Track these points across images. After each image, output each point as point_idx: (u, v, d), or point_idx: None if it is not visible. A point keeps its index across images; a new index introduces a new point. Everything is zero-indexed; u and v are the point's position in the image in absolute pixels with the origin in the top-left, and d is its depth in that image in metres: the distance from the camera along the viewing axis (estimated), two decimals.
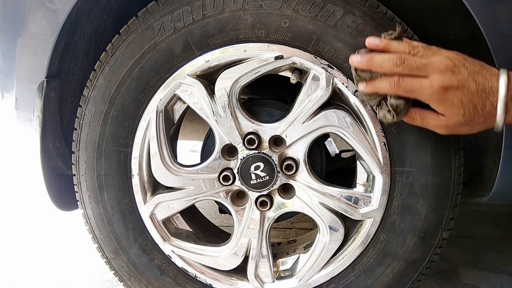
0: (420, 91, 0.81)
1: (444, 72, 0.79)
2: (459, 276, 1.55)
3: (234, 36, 0.96)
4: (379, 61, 0.83)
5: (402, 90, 0.82)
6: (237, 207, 1.09)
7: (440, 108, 0.82)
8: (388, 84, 0.83)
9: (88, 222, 1.13)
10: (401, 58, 0.81)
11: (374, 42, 0.85)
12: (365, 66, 0.85)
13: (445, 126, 0.84)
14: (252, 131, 1.02)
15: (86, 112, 1.06)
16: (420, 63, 0.81)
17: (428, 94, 0.81)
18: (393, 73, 0.82)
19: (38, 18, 1.03)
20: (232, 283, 1.14)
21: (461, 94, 0.79)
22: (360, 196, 1.03)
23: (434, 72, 0.80)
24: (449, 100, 0.80)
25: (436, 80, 0.79)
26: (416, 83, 0.81)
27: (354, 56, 0.86)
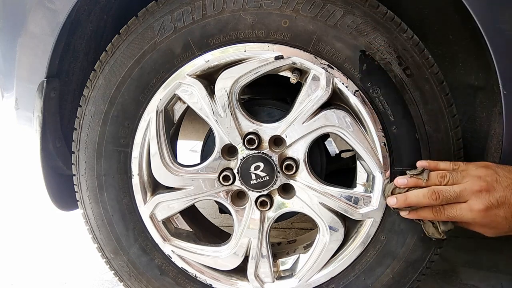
0: (461, 217, 0.86)
1: (479, 195, 0.83)
2: (459, 276, 1.55)
3: (234, 36, 0.96)
4: (415, 199, 0.89)
5: (444, 218, 0.88)
6: (237, 207, 1.09)
7: (485, 228, 0.87)
8: (432, 214, 0.89)
9: (88, 222, 1.13)
10: (435, 193, 0.86)
11: (402, 182, 0.92)
12: (403, 206, 0.91)
13: (494, 234, 0.89)
14: (252, 131, 1.02)
15: (86, 112, 1.06)
16: (454, 192, 0.86)
17: (470, 218, 0.85)
18: (432, 205, 0.88)
19: (38, 18, 1.03)
20: (232, 283, 1.14)
21: (504, 211, 0.83)
22: (360, 196, 1.03)
23: (470, 197, 0.84)
24: (493, 220, 0.84)
25: (475, 204, 0.83)
26: (456, 211, 0.86)
27: (390, 199, 0.93)
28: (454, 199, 0.86)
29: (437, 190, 0.87)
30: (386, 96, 0.95)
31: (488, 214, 0.83)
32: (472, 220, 0.86)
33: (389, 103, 0.95)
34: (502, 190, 0.82)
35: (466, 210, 0.85)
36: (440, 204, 0.87)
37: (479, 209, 0.83)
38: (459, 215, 0.86)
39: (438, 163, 0.92)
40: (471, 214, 0.84)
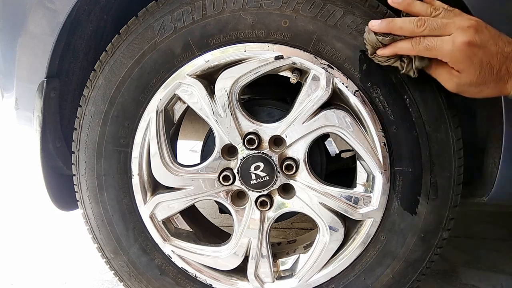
0: (441, 48, 0.81)
1: (467, 30, 0.79)
2: (459, 276, 1.55)
3: (234, 36, 0.96)
4: (400, 23, 0.83)
5: (423, 49, 0.82)
6: (237, 207, 1.09)
7: (458, 65, 0.82)
8: (410, 45, 0.83)
9: (88, 222, 1.13)
10: (422, 20, 0.82)
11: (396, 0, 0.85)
12: (385, 29, 0.85)
13: (456, 83, 0.84)
14: (252, 131, 1.02)
15: (86, 112, 1.06)
16: (441, 22, 0.81)
17: (449, 50, 0.80)
18: (414, 34, 0.82)
19: (38, 18, 1.03)
20: (232, 283, 1.14)
21: (482, 54, 0.79)
22: (360, 196, 1.03)
23: (456, 30, 0.80)
24: (469, 58, 0.80)
25: (459, 37, 0.79)
26: (438, 41, 0.81)
27: (374, 21, 0.86)
28: (438, 29, 0.81)
29: (424, 18, 0.82)
30: (386, 96, 0.95)
31: (468, 49, 0.79)
32: (449, 53, 0.81)
33: (389, 103, 0.95)
34: (488, 36, 0.80)
35: (448, 42, 0.80)
36: (422, 34, 0.82)
37: (462, 41, 0.79)
38: (438, 46, 0.81)
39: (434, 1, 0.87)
40: (451, 46, 0.80)
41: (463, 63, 0.81)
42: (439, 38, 0.81)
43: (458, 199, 1.02)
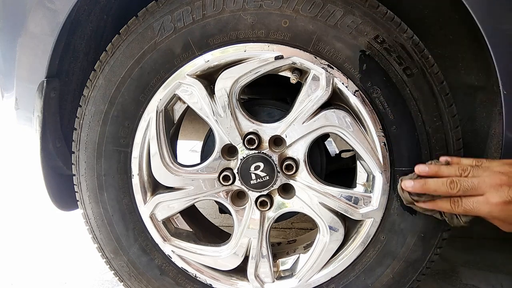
0: (478, 210, 0.85)
1: (499, 188, 0.82)
2: (459, 276, 1.55)
3: (234, 36, 0.96)
4: (433, 186, 0.89)
5: (461, 210, 0.87)
6: (237, 207, 1.09)
7: (501, 225, 0.88)
8: (449, 205, 0.89)
9: (88, 222, 1.13)
10: (454, 182, 0.86)
11: (423, 169, 0.91)
12: (420, 191, 0.91)
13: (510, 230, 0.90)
14: (252, 131, 1.02)
15: (86, 112, 1.06)
16: (472, 183, 0.85)
17: (486, 211, 0.84)
18: (449, 195, 0.87)
19: (38, 18, 1.03)
20: (232, 283, 1.14)
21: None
22: (360, 196, 1.03)
23: (489, 189, 0.83)
24: (506, 215, 0.84)
25: (492, 197, 0.83)
26: (473, 203, 0.85)
27: (407, 182, 0.92)
28: (472, 190, 0.85)
29: (456, 180, 0.86)
30: (386, 96, 0.95)
31: (505, 208, 0.83)
32: (488, 214, 0.85)
33: (389, 103, 0.95)
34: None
35: (483, 203, 0.84)
36: (457, 194, 0.87)
37: (496, 202, 0.82)
38: (475, 208, 0.85)
39: (461, 158, 0.92)
40: (487, 207, 0.84)
41: (506, 220, 0.85)
42: (474, 200, 0.85)
43: None
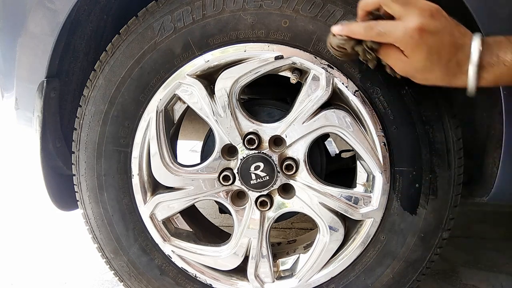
0: (393, 34, 0.78)
1: (423, 14, 0.77)
2: (459, 276, 1.55)
3: (234, 36, 0.96)
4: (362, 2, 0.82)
5: (375, 33, 0.80)
6: (237, 207, 1.09)
7: (407, 51, 0.79)
8: (363, 28, 0.80)
9: (88, 222, 1.13)
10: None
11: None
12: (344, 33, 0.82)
13: (403, 67, 0.82)
14: (252, 131, 1.02)
15: (86, 112, 1.06)
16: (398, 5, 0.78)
17: (400, 35, 0.78)
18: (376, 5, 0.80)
19: (38, 18, 1.03)
20: (232, 283, 1.14)
21: (433, 41, 0.77)
22: (360, 196, 1.03)
23: (413, 13, 0.77)
24: (419, 43, 0.77)
25: (411, 21, 0.76)
26: (391, 26, 0.78)
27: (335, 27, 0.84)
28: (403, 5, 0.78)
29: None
30: (386, 96, 0.95)
31: (418, 35, 0.76)
32: (401, 37, 0.77)
33: (389, 103, 0.95)
34: (444, 24, 0.77)
35: (400, 27, 0.77)
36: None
37: (414, 27, 0.76)
38: (391, 30, 0.78)
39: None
40: (408, 30, 0.76)
41: (411, 49, 0.78)
42: (392, 23, 0.78)
43: (458, 199, 1.02)
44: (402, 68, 0.82)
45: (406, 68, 0.82)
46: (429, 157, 0.98)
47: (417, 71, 0.81)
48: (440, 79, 0.80)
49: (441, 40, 0.77)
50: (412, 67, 0.81)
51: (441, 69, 0.78)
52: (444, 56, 0.77)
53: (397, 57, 0.81)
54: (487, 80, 0.77)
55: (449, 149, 0.97)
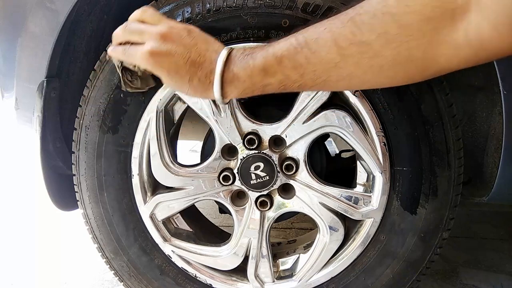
0: (137, 58, 0.82)
1: (154, 39, 0.80)
2: (459, 276, 1.55)
3: (234, 36, 0.96)
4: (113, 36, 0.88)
5: (126, 56, 0.85)
6: (237, 207, 1.09)
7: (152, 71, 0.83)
8: (121, 53, 0.85)
9: (88, 222, 1.13)
10: (125, 27, 0.85)
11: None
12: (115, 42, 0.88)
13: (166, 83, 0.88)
14: (252, 131, 1.02)
15: (86, 112, 1.05)
16: (139, 29, 0.83)
17: (139, 58, 0.81)
18: (124, 39, 0.85)
19: (38, 18, 1.03)
20: (232, 283, 1.14)
21: (167, 61, 0.79)
22: (360, 196, 1.03)
23: (150, 39, 0.80)
24: (156, 66, 0.80)
25: (145, 46, 0.80)
26: (135, 51, 0.82)
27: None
28: (136, 35, 0.83)
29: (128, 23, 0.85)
30: (386, 96, 0.95)
31: (151, 58, 0.79)
32: (140, 61, 0.82)
33: (389, 103, 0.95)
34: (178, 45, 0.79)
35: (138, 50, 0.81)
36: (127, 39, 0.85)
37: (144, 51, 0.80)
38: (134, 55, 0.83)
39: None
40: (143, 55, 0.80)
41: (152, 70, 0.82)
42: (134, 48, 0.83)
43: (458, 199, 1.02)
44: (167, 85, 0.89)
45: (168, 85, 0.88)
46: (429, 157, 0.98)
47: (174, 87, 0.88)
48: (195, 94, 0.82)
49: (175, 60, 0.78)
50: (169, 85, 0.87)
51: (189, 86, 0.80)
52: (184, 74, 0.79)
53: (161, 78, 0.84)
54: (234, 93, 0.78)
55: (449, 149, 0.97)
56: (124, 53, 0.85)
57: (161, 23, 0.82)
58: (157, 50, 0.79)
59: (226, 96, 0.79)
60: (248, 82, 0.76)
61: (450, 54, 0.62)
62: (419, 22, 0.62)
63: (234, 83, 0.77)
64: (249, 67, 0.75)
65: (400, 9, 0.62)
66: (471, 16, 0.58)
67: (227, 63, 0.77)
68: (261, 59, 0.74)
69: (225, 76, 0.76)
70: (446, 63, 0.64)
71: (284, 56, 0.72)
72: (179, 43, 0.79)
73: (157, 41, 0.79)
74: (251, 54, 0.76)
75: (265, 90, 0.77)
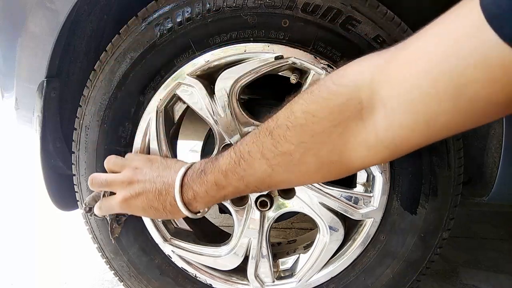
0: (113, 207, 0.91)
1: (122, 187, 0.88)
2: (459, 276, 1.55)
3: (234, 36, 0.96)
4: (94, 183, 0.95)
5: (105, 210, 0.94)
6: (237, 207, 1.09)
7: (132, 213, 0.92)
8: (98, 208, 0.95)
9: (88, 222, 1.13)
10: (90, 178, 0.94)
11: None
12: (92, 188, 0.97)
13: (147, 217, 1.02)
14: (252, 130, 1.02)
15: (86, 112, 1.05)
16: (105, 181, 0.91)
17: (117, 207, 0.89)
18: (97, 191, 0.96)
19: (38, 18, 1.03)
20: (232, 283, 1.14)
21: (141, 202, 0.86)
22: (360, 196, 1.03)
23: (119, 188, 0.89)
24: (132, 209, 0.89)
25: (118, 195, 0.89)
26: (110, 202, 0.91)
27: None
28: (106, 186, 0.91)
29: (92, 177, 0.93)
30: None
31: (127, 203, 0.87)
32: (119, 209, 0.90)
33: None
34: (142, 184, 0.86)
35: (113, 201, 0.90)
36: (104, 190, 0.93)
37: (118, 200, 0.88)
38: (110, 206, 0.91)
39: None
40: (118, 205, 0.88)
41: (132, 212, 0.90)
42: (109, 200, 0.91)
43: (458, 199, 1.02)
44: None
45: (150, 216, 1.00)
46: (429, 157, 0.98)
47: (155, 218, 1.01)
48: (174, 216, 0.88)
49: (146, 197, 0.86)
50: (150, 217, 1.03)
51: (166, 213, 0.87)
52: (158, 205, 0.86)
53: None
54: (201, 206, 0.85)
55: (449, 149, 0.97)
56: (101, 208, 0.93)
57: (125, 169, 0.90)
58: (128, 196, 0.86)
59: (195, 210, 0.86)
60: (208, 197, 0.81)
61: (364, 155, 0.64)
62: (329, 128, 0.64)
63: (197, 199, 0.82)
64: (204, 184, 0.80)
65: (308, 120, 0.65)
66: (379, 117, 0.59)
67: (185, 183, 0.83)
68: (212, 176, 0.79)
69: (187, 196, 0.82)
70: (362, 161, 0.65)
71: (228, 170, 0.76)
72: (145, 181, 0.86)
73: (126, 188, 0.87)
74: (204, 171, 0.81)
75: (225, 199, 0.83)
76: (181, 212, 0.84)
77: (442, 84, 0.50)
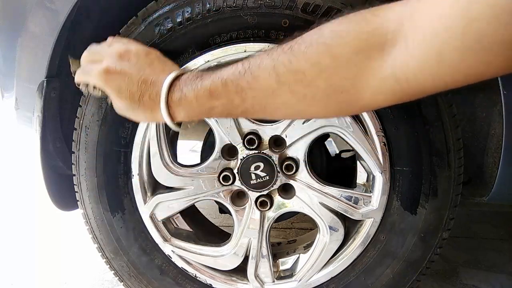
0: (90, 73, 0.84)
1: (111, 56, 0.83)
2: (459, 276, 1.55)
3: (234, 36, 0.96)
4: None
5: (84, 74, 0.87)
6: (237, 207, 1.09)
7: (103, 89, 0.85)
8: (80, 72, 0.89)
9: (88, 222, 1.13)
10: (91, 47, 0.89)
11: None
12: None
13: (115, 107, 0.86)
14: (252, 131, 1.02)
15: (86, 112, 1.05)
16: (99, 48, 0.87)
17: (94, 75, 0.83)
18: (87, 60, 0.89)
19: (38, 18, 1.03)
20: (232, 283, 1.14)
21: (120, 80, 0.80)
22: (360, 196, 1.03)
23: (108, 57, 0.83)
24: (108, 84, 0.82)
25: (102, 64, 0.83)
26: (89, 68, 0.85)
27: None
28: (96, 54, 0.87)
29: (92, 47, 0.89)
30: None
31: (106, 76, 0.81)
32: (95, 78, 0.84)
33: None
34: (132, 64, 0.82)
35: (94, 68, 0.84)
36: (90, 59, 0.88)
37: (100, 68, 0.82)
38: (90, 73, 0.85)
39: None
40: (98, 73, 0.82)
41: (104, 87, 0.83)
42: (91, 66, 0.86)
43: (458, 199, 1.02)
44: (116, 108, 0.87)
45: (117, 107, 0.86)
46: (429, 157, 0.98)
47: (123, 110, 0.84)
48: (144, 116, 0.83)
49: (128, 78, 0.80)
50: (118, 106, 0.85)
51: (139, 106, 0.81)
52: (135, 92, 0.80)
53: (111, 98, 0.85)
54: (181, 115, 0.79)
55: (449, 149, 0.97)
56: (82, 72, 0.87)
57: (121, 43, 0.87)
58: (112, 68, 0.81)
59: (174, 116, 0.79)
60: (195, 104, 0.76)
61: (376, 87, 0.64)
62: (350, 54, 0.64)
63: (182, 103, 0.77)
64: (197, 88, 0.76)
65: (334, 40, 0.65)
66: (398, 51, 0.60)
67: (176, 83, 0.78)
68: (209, 81, 0.75)
69: (173, 96, 0.77)
70: (372, 96, 0.65)
71: (229, 80, 0.73)
72: (135, 63, 0.82)
73: (114, 60, 0.82)
74: (201, 76, 0.77)
75: (211, 114, 0.78)
76: (158, 111, 0.78)
77: (453, 19, 0.53)
